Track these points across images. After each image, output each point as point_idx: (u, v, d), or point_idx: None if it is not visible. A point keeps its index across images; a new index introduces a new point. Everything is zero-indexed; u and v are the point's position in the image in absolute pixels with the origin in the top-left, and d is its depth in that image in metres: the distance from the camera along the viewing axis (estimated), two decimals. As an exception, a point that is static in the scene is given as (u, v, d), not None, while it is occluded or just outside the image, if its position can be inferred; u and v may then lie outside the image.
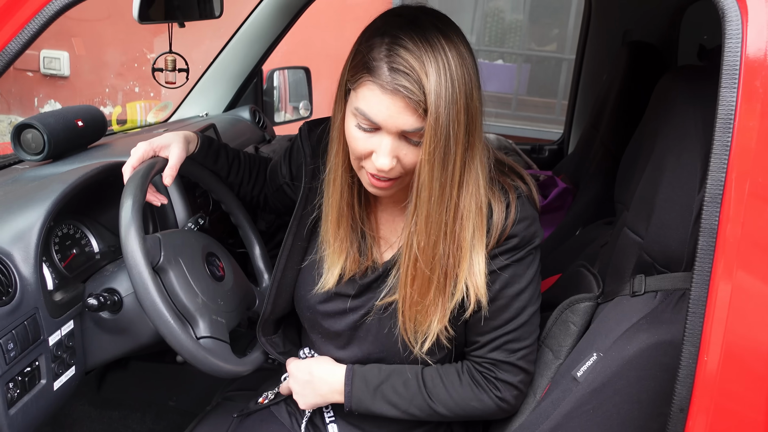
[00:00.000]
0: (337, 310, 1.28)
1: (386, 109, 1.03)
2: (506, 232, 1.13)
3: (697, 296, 0.88)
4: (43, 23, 0.98)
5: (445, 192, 1.07)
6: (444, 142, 1.03)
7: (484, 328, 1.19)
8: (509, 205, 1.14)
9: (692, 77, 1.16)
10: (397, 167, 1.09)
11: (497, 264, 1.15)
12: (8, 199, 1.34)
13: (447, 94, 1.01)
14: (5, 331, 1.14)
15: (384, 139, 1.06)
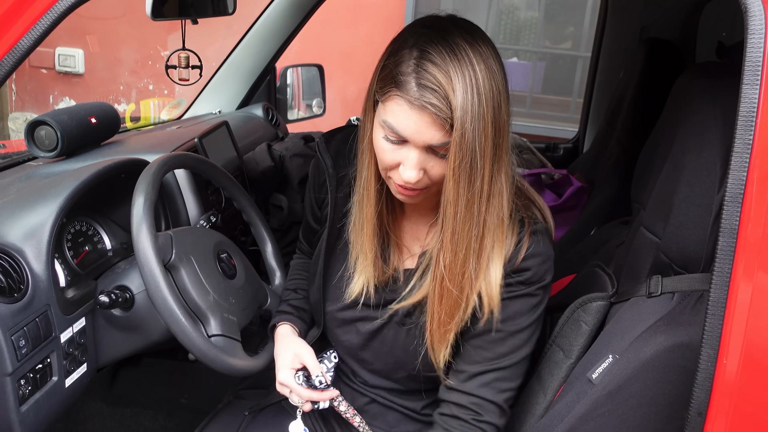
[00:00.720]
0: (353, 318, 1.28)
1: (414, 124, 1.03)
2: (517, 263, 1.12)
3: (717, 298, 0.86)
4: (55, 19, 0.97)
5: (471, 208, 1.06)
6: (470, 157, 1.02)
7: (476, 357, 1.17)
8: (523, 237, 1.12)
9: (712, 74, 1.13)
10: (424, 179, 1.08)
11: (504, 294, 1.13)
12: (21, 196, 1.34)
13: (474, 109, 1.00)
14: (17, 328, 1.14)
15: (411, 152, 1.06)
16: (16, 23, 0.98)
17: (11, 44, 0.99)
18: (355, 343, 1.30)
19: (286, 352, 1.30)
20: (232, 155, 1.95)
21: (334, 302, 1.30)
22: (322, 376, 1.27)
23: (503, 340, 1.15)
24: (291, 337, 1.34)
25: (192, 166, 1.48)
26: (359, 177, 1.21)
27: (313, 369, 1.26)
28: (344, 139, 1.30)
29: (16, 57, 1.00)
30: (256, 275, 1.51)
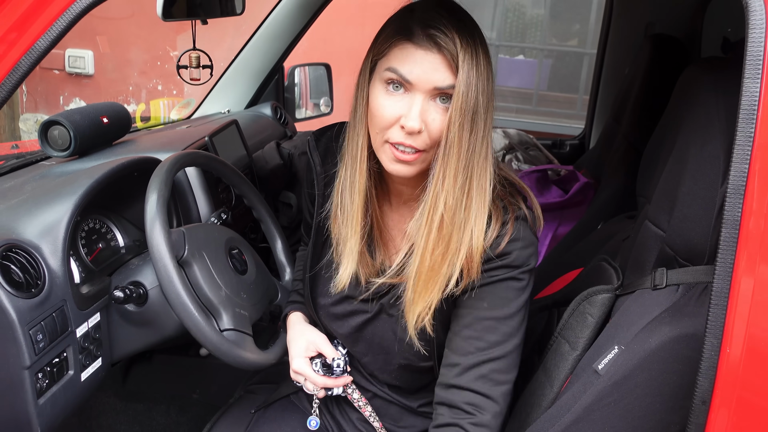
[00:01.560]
0: (344, 312, 1.30)
1: (420, 65, 1.05)
2: (500, 248, 1.12)
3: (720, 289, 0.88)
4: (71, 20, 1.00)
5: (472, 150, 1.08)
6: (474, 101, 1.05)
7: (468, 348, 1.15)
8: (507, 222, 1.13)
9: (716, 69, 1.15)
10: (424, 135, 1.08)
11: (488, 278, 1.14)
12: (36, 194, 1.37)
13: (475, 56, 1.05)
14: (34, 322, 1.17)
15: (415, 98, 1.07)
16: (33, 25, 1.00)
17: (28, 46, 1.01)
18: (348, 336, 1.31)
19: (300, 339, 1.32)
20: (242, 153, 1.98)
21: (325, 297, 1.32)
22: (341, 359, 1.29)
23: (494, 328, 1.14)
24: (303, 324, 1.36)
25: (203, 164, 1.50)
26: (348, 155, 1.20)
27: (329, 353, 1.29)
28: (334, 136, 1.31)
29: (32, 59, 1.02)
30: (267, 271, 1.53)
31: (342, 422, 1.40)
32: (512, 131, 2.79)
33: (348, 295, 1.28)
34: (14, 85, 1.03)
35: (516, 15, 4.93)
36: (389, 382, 1.34)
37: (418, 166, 1.11)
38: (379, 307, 1.26)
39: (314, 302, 1.34)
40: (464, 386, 1.15)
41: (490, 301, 1.14)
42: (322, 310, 1.33)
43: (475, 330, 1.15)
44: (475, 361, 1.15)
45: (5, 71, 1.02)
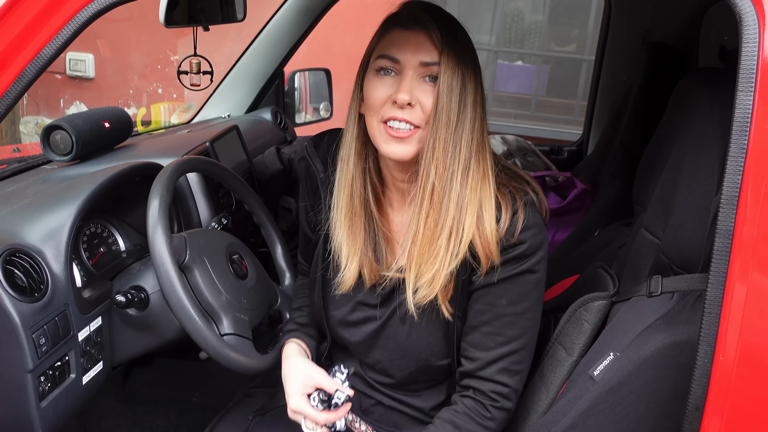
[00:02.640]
0: (358, 319, 1.31)
1: (406, 44, 1.14)
2: (515, 237, 1.15)
3: (713, 297, 0.89)
4: (76, 29, 1.01)
5: (462, 122, 1.14)
6: (461, 78, 1.13)
7: (489, 344, 1.20)
8: (517, 210, 1.16)
9: (711, 80, 1.16)
10: (417, 110, 1.14)
11: (506, 272, 1.16)
12: (39, 199, 1.38)
13: (457, 38, 1.15)
14: (37, 326, 1.18)
15: (404, 76, 1.14)
16: (39, 33, 1.02)
17: (34, 54, 1.03)
18: (362, 344, 1.32)
19: (296, 376, 1.28)
20: (242, 159, 1.99)
21: (337, 307, 1.33)
22: (341, 392, 1.22)
23: (513, 323, 1.19)
24: (298, 358, 1.32)
25: (204, 170, 1.52)
26: (343, 150, 1.25)
27: (329, 387, 1.23)
28: (332, 142, 1.33)
29: (39, 66, 1.03)
30: (267, 276, 1.55)
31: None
32: (510, 137, 2.81)
33: (360, 301, 1.29)
34: (20, 92, 1.05)
35: (515, 21, 4.95)
36: (404, 386, 1.33)
37: (413, 146, 1.15)
38: (392, 310, 1.27)
39: (326, 312, 1.34)
40: (487, 377, 1.21)
41: (509, 297, 1.18)
42: (334, 321, 1.33)
43: (494, 326, 1.19)
44: (496, 355, 1.20)
45: (11, 79, 1.03)
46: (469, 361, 1.23)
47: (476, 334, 1.21)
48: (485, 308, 1.20)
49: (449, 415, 1.24)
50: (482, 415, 1.22)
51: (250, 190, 1.62)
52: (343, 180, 1.25)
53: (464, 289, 1.21)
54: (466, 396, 1.24)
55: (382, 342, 1.30)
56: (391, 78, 1.15)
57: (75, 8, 1.00)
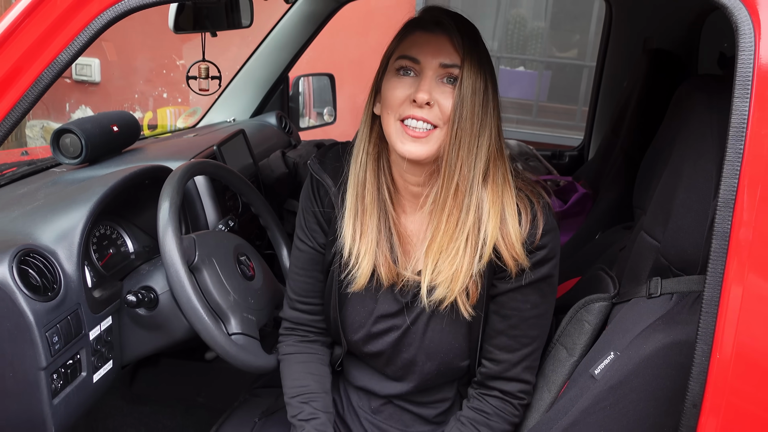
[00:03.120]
0: (379, 331, 1.31)
1: (427, 45, 1.16)
2: (537, 241, 1.18)
3: (710, 297, 0.92)
4: (92, 36, 1.04)
5: (483, 125, 1.17)
6: (482, 82, 1.16)
7: (515, 346, 1.25)
8: (536, 214, 1.19)
9: (710, 86, 1.19)
10: (435, 110, 1.16)
11: (530, 277, 1.20)
12: (51, 201, 1.41)
13: (477, 43, 1.17)
14: (50, 325, 1.21)
15: (424, 77, 1.16)
16: (56, 39, 1.05)
17: (50, 59, 1.05)
18: (383, 354, 1.32)
19: None
20: (248, 162, 2.02)
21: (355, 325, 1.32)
22: None
23: (535, 324, 1.25)
24: None
25: (212, 173, 1.55)
26: (356, 152, 1.27)
27: None
28: (337, 155, 1.34)
29: (55, 71, 1.06)
30: (273, 277, 1.57)
31: (351, 426, 1.42)
32: (512, 142, 2.84)
33: (381, 315, 1.30)
34: (36, 96, 1.07)
35: (517, 27, 4.98)
36: (415, 391, 1.34)
37: (429, 146, 1.17)
38: (415, 316, 1.28)
39: (344, 328, 1.34)
40: (514, 377, 1.27)
41: (532, 301, 1.23)
42: (356, 336, 1.33)
43: (520, 329, 1.24)
44: (522, 356, 1.26)
45: (28, 83, 1.06)
46: (494, 363, 1.27)
47: (503, 337, 1.25)
48: (512, 313, 1.23)
49: (481, 417, 1.28)
50: (512, 413, 1.28)
51: (257, 193, 1.65)
52: (353, 180, 1.26)
53: (487, 293, 1.23)
54: (493, 397, 1.28)
55: (404, 348, 1.30)
56: (410, 78, 1.18)
57: (92, 14, 1.03)
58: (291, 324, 1.42)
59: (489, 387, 1.29)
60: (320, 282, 1.37)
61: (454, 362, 1.29)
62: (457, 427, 1.28)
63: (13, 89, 1.05)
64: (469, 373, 1.32)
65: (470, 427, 1.27)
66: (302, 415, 1.32)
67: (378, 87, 1.24)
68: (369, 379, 1.38)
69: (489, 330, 1.26)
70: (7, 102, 1.04)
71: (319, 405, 1.33)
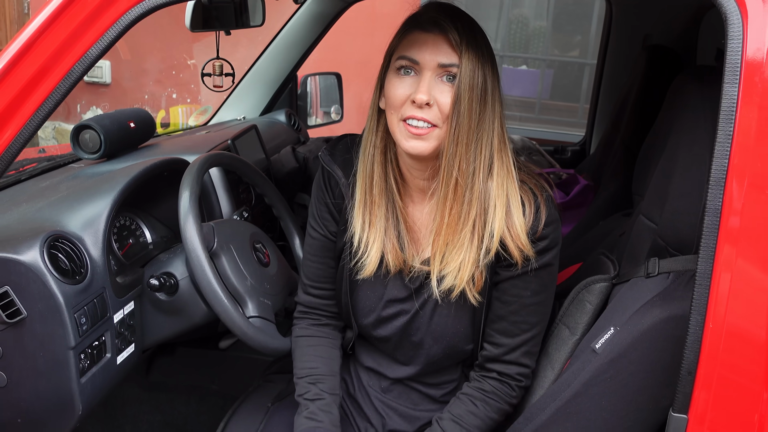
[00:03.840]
0: (389, 315, 1.36)
1: (426, 46, 1.19)
2: (539, 232, 1.23)
3: (703, 270, 0.97)
4: (121, 30, 1.10)
5: (483, 120, 1.20)
6: (481, 80, 1.18)
7: (515, 331, 1.30)
8: (540, 205, 1.24)
9: (703, 77, 1.25)
10: (434, 109, 1.19)
11: (529, 267, 1.25)
12: (76, 191, 1.47)
13: (475, 40, 1.19)
14: (78, 306, 1.27)
15: (423, 77, 1.19)
16: (86, 34, 1.11)
17: (81, 53, 1.12)
18: (393, 338, 1.37)
19: None
20: (261, 157, 2.08)
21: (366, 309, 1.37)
22: None
23: (536, 311, 1.30)
24: None
25: (229, 164, 1.61)
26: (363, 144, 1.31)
27: None
28: (346, 148, 1.38)
29: (86, 65, 1.12)
30: (287, 265, 1.63)
31: (362, 404, 1.46)
32: (516, 137, 2.90)
33: (390, 299, 1.35)
34: (67, 89, 1.14)
35: (519, 27, 5.04)
36: (422, 373, 1.40)
37: (431, 143, 1.21)
38: (422, 301, 1.33)
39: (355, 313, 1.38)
40: (513, 361, 1.32)
41: (533, 289, 1.28)
42: (366, 321, 1.38)
43: (520, 315, 1.29)
44: (521, 341, 1.31)
45: (60, 76, 1.12)
46: (494, 346, 1.32)
47: (503, 323, 1.30)
48: (512, 299, 1.29)
49: (478, 393, 1.33)
50: (509, 394, 1.33)
51: (271, 185, 1.70)
52: (362, 172, 1.31)
53: (491, 280, 1.29)
54: (492, 378, 1.34)
55: (413, 332, 1.35)
56: (410, 78, 1.21)
57: (120, 11, 1.09)
58: (304, 308, 1.47)
59: (488, 369, 1.34)
60: (332, 268, 1.42)
61: (459, 345, 1.34)
62: (455, 402, 1.35)
63: (46, 81, 1.11)
64: (473, 356, 1.37)
65: (467, 402, 1.33)
66: (308, 395, 1.37)
67: (382, 82, 1.27)
68: (379, 362, 1.44)
69: (491, 315, 1.32)
70: (42, 92, 1.11)
71: (326, 387, 1.38)
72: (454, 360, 1.39)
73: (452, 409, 1.34)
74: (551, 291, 1.31)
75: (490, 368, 1.34)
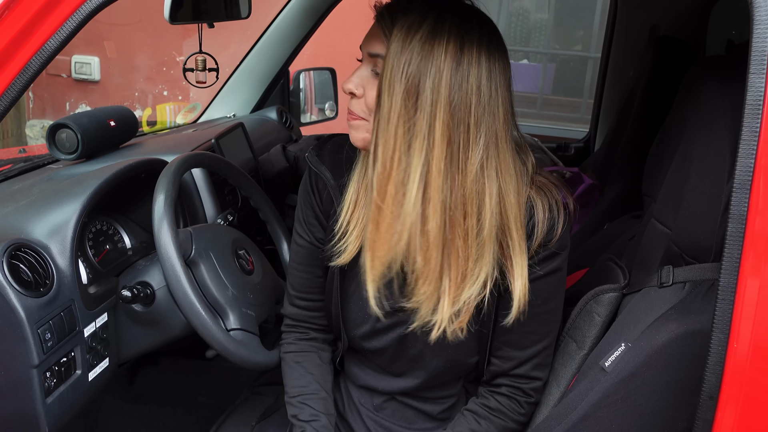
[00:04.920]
0: (384, 326, 1.26)
1: (367, 35, 1.15)
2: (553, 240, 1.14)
3: (727, 284, 0.88)
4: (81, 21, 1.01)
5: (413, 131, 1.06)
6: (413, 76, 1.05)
7: (525, 342, 1.20)
8: (551, 208, 1.15)
9: (720, 67, 1.15)
10: (360, 101, 1.14)
11: (538, 271, 1.15)
12: (45, 195, 1.38)
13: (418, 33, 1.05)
14: (43, 321, 1.18)
15: (360, 65, 1.15)
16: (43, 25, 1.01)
17: (38, 46, 1.02)
18: (388, 350, 1.28)
19: None
20: (248, 156, 1.99)
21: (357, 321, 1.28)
22: None
23: (547, 320, 1.21)
24: None
25: (210, 165, 1.51)
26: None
27: None
28: (336, 148, 1.27)
29: (43, 59, 1.03)
30: (273, 272, 1.54)
31: (353, 424, 1.38)
32: (517, 134, 2.80)
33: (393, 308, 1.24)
34: (24, 85, 1.04)
35: (520, 20, 4.94)
36: (419, 387, 1.30)
37: (360, 133, 1.15)
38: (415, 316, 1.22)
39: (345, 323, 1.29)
40: (524, 374, 1.23)
41: (542, 297, 1.18)
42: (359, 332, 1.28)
43: (530, 326, 1.19)
44: (532, 353, 1.22)
45: (15, 71, 1.03)
46: (503, 360, 1.23)
47: (513, 334, 1.20)
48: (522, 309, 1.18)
49: (483, 411, 1.25)
50: (517, 411, 1.24)
51: (256, 186, 1.61)
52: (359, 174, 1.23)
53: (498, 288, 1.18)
54: (500, 394, 1.25)
55: (410, 344, 1.26)
56: None
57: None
58: (291, 321, 1.37)
59: (497, 384, 1.25)
60: (319, 278, 1.32)
61: (463, 359, 1.25)
62: (458, 419, 1.26)
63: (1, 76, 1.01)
64: (477, 369, 1.28)
65: (471, 419, 1.24)
66: (303, 415, 1.28)
67: None
68: (371, 376, 1.34)
69: (498, 326, 1.21)
70: (-7, 90, 1.01)
71: (320, 406, 1.29)
72: (455, 374, 1.30)
73: (454, 427, 1.25)
74: (561, 297, 1.22)
75: (500, 383, 1.25)
